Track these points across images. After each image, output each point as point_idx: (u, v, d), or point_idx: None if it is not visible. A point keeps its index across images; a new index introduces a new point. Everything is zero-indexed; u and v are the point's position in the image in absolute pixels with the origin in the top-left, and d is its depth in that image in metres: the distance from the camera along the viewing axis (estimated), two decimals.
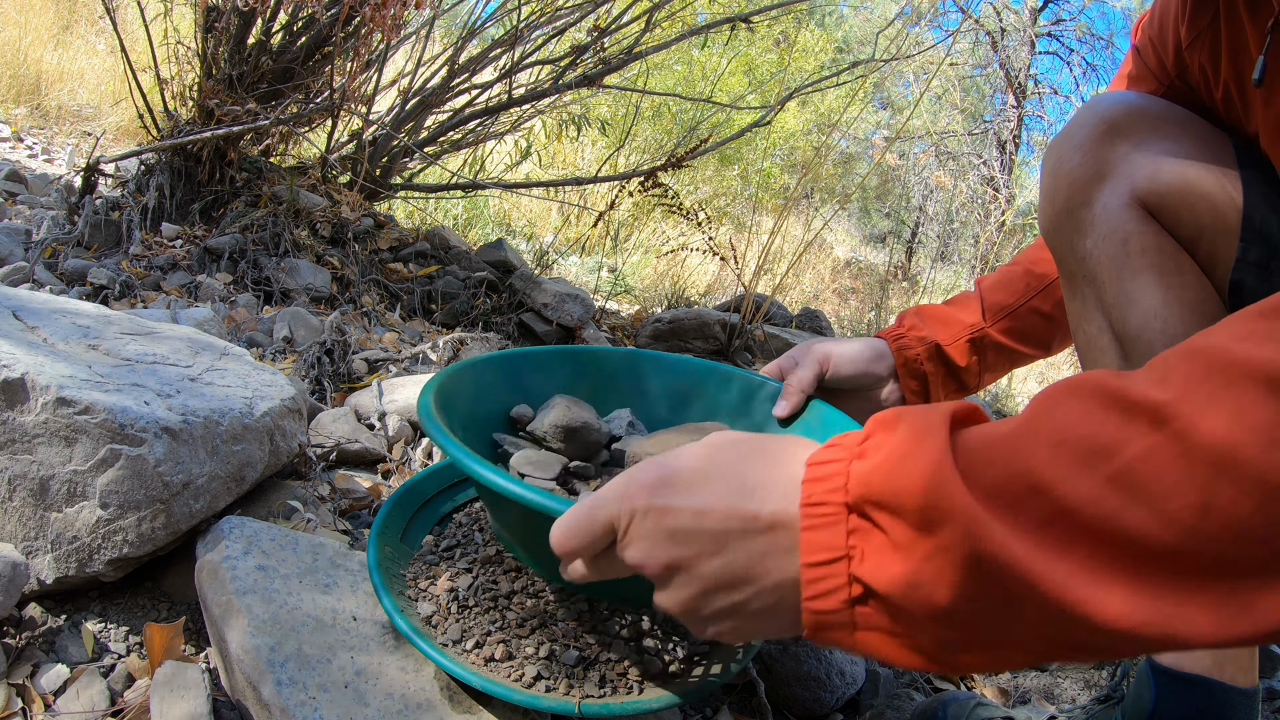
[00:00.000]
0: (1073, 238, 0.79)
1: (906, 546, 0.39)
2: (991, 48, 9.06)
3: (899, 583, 0.39)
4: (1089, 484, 0.36)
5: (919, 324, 1.00)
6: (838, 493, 0.42)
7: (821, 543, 0.42)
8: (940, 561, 0.38)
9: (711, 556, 0.45)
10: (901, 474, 0.39)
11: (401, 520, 0.90)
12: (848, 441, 0.44)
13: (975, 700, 0.90)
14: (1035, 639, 0.38)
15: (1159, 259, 0.73)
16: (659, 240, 4.92)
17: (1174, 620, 0.35)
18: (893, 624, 0.41)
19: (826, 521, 0.41)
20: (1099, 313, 0.78)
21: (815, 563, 0.42)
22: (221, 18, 2.05)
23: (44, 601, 0.82)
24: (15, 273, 1.70)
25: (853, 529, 0.41)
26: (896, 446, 0.41)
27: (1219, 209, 0.72)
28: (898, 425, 0.42)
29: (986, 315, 0.99)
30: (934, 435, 0.40)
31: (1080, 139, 0.78)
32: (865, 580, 0.40)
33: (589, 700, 0.69)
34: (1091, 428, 0.37)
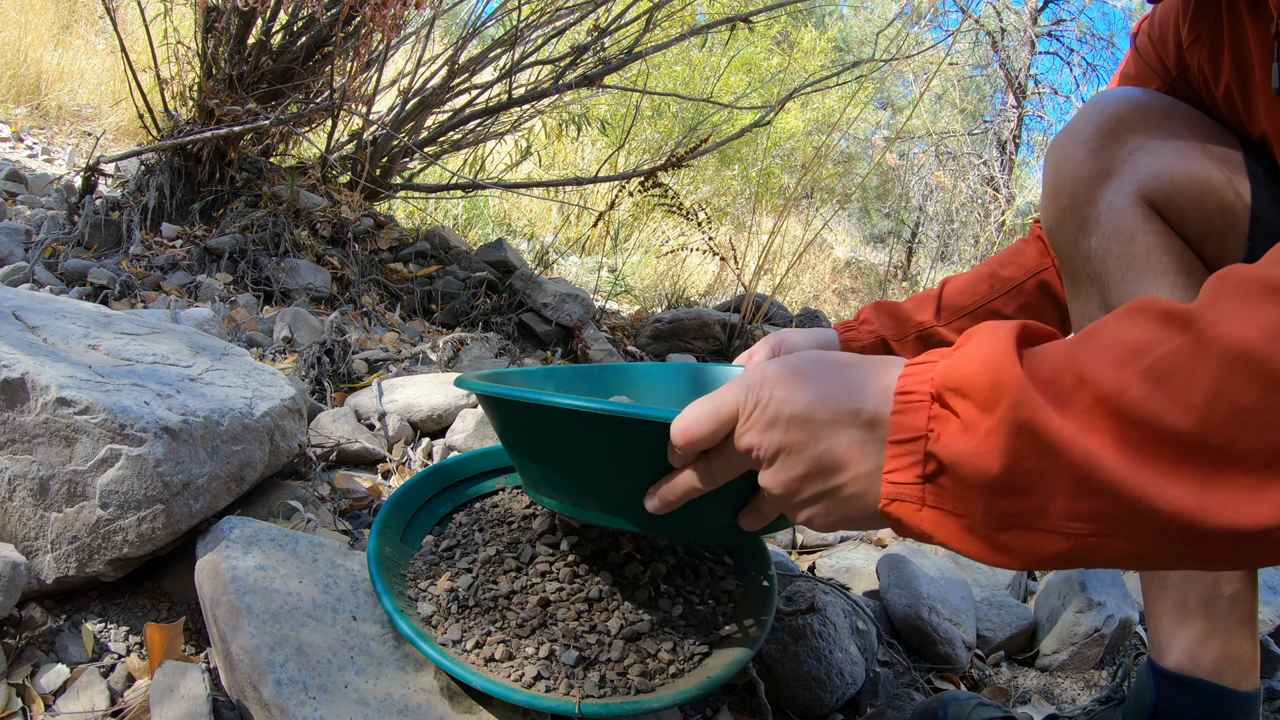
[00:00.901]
0: (1077, 236, 0.78)
1: (973, 425, 0.44)
2: (991, 48, 9.06)
3: (963, 454, 0.44)
4: (1125, 376, 0.41)
5: (872, 318, 1.03)
6: (925, 384, 0.48)
7: (906, 424, 0.47)
8: (996, 434, 0.43)
9: (818, 442, 0.51)
10: (973, 363, 0.45)
11: (401, 520, 0.90)
12: (942, 350, 0.50)
13: (976, 700, 0.90)
14: (1066, 515, 0.42)
15: (1165, 258, 0.72)
16: (659, 240, 4.91)
17: (1194, 501, 0.39)
18: (953, 500, 0.46)
19: (913, 407, 0.47)
20: (1103, 312, 0.78)
21: (899, 439, 0.47)
22: (221, 18, 2.05)
23: (44, 601, 0.82)
24: (15, 273, 1.70)
25: (934, 415, 0.47)
26: (973, 345, 0.47)
27: (1227, 208, 0.72)
28: (977, 331, 0.48)
29: (941, 314, 1.01)
30: (1002, 335, 0.46)
31: (1085, 135, 0.77)
32: (937, 455, 0.46)
33: (589, 700, 0.69)
34: (1135, 334, 0.42)
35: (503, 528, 0.90)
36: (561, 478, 0.73)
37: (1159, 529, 0.40)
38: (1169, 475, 0.39)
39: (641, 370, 1.08)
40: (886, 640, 1.10)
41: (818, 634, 0.94)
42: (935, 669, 1.11)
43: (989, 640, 1.22)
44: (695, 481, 0.59)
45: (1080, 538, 0.43)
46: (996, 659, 1.21)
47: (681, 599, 0.85)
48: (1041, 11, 9.08)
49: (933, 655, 1.12)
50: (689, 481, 0.59)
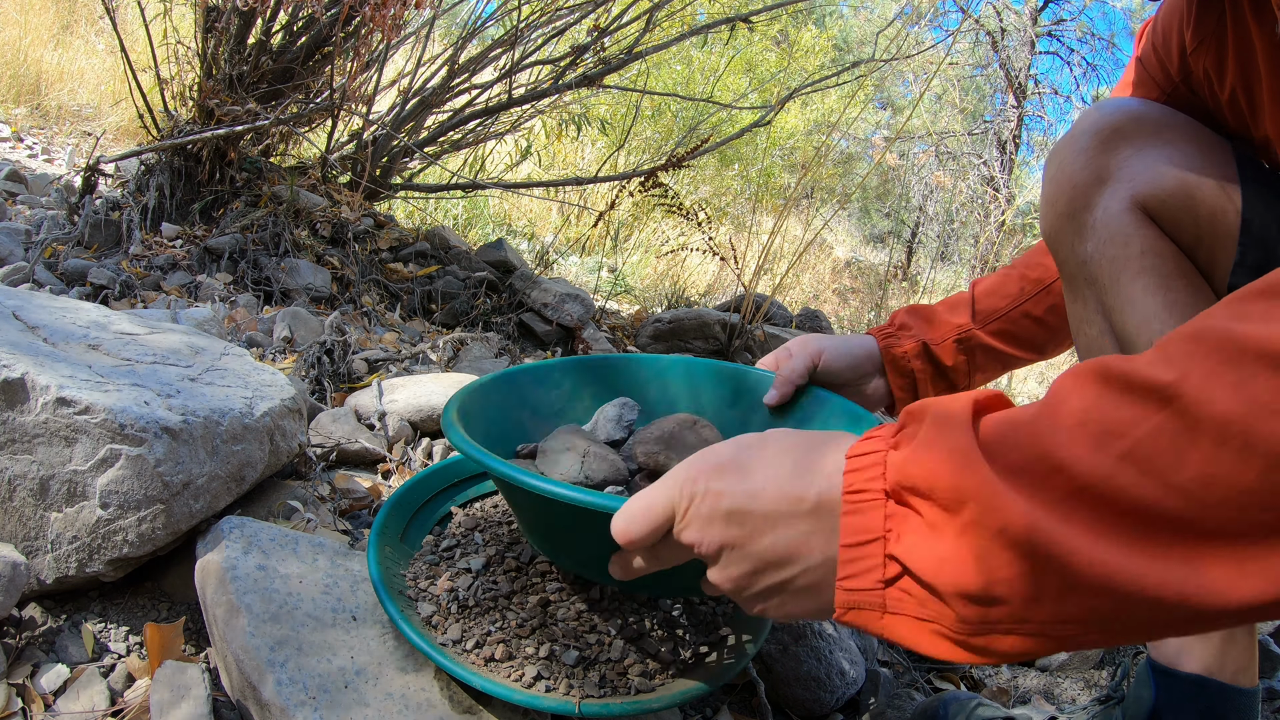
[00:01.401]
0: (1074, 241, 0.79)
1: (939, 526, 0.42)
2: (991, 48, 9.06)
3: (930, 559, 0.42)
4: (1103, 461, 0.38)
5: (910, 322, 1.02)
6: (876, 480, 0.44)
7: (860, 526, 0.44)
8: (969, 538, 0.40)
9: (761, 536, 0.48)
10: (930, 458, 0.42)
11: (401, 520, 0.90)
12: (883, 433, 0.47)
13: (976, 700, 0.90)
14: (1058, 618, 0.40)
15: (1159, 262, 0.74)
16: (659, 240, 4.92)
17: (1190, 583, 0.37)
18: (921, 606, 0.43)
19: (865, 506, 0.44)
20: (1099, 315, 0.79)
21: (853, 544, 0.45)
22: (221, 18, 2.05)
23: (44, 601, 0.82)
24: (15, 273, 1.70)
25: (890, 513, 0.44)
26: (926, 434, 0.44)
27: (1218, 214, 0.73)
28: (925, 415, 0.45)
29: (976, 317, 1.00)
30: (958, 422, 0.43)
31: (1082, 144, 0.79)
32: (900, 558, 0.43)
33: (589, 700, 0.69)
34: (1104, 410, 0.39)
35: (503, 528, 0.90)
36: (536, 531, 0.75)
37: (1155, 613, 0.38)
38: (1163, 561, 0.37)
39: (657, 368, 1.04)
40: (887, 640, 1.10)
41: (818, 634, 0.94)
42: (935, 669, 1.11)
43: None
44: (644, 564, 0.58)
45: (1067, 638, 0.41)
46: None
47: (681, 599, 0.85)
48: (1041, 11, 9.07)
49: None
50: (639, 564, 0.59)
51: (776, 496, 0.48)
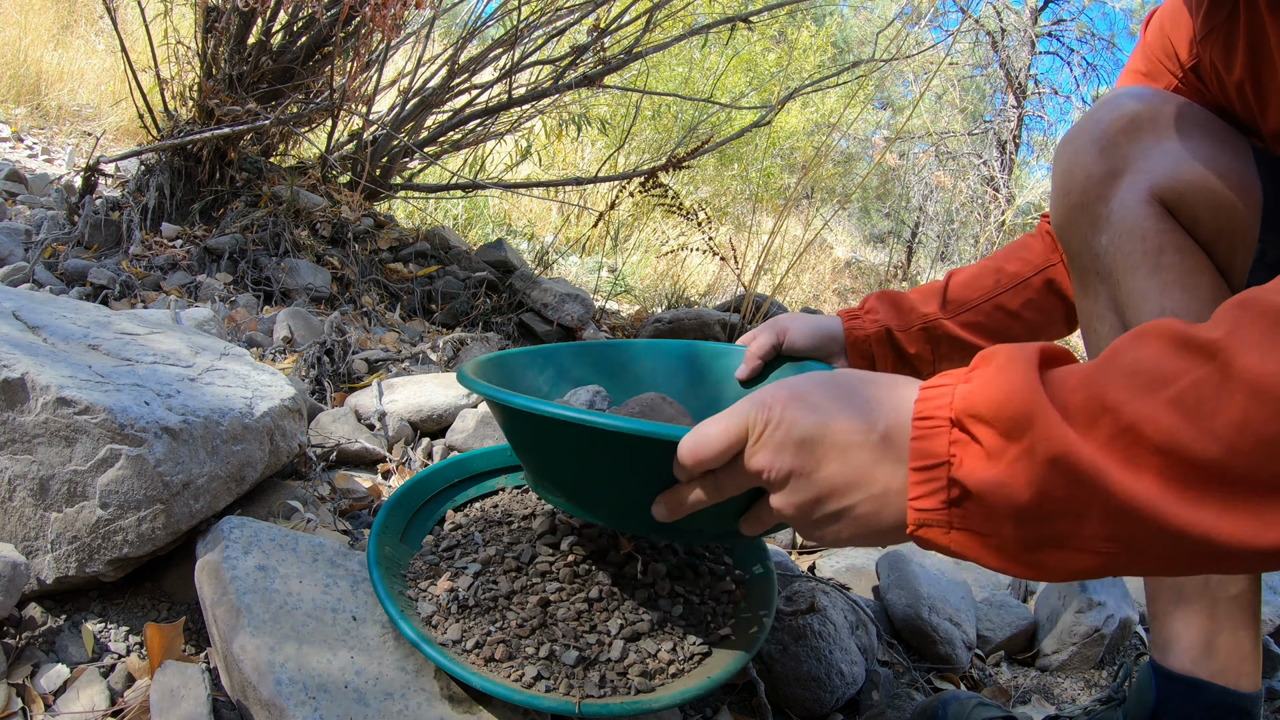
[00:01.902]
0: (1087, 233, 0.77)
1: (997, 452, 0.45)
2: (991, 48, 9.05)
3: (989, 483, 0.45)
4: (1151, 405, 0.42)
5: (877, 307, 1.03)
6: (944, 409, 0.48)
7: (927, 450, 0.48)
8: (1024, 464, 0.44)
9: (829, 463, 0.51)
10: (995, 390, 0.46)
11: (401, 520, 0.90)
12: (956, 372, 0.50)
13: (976, 699, 0.90)
14: (1097, 537, 0.44)
15: (1177, 258, 0.72)
16: (659, 240, 4.91)
17: (1218, 524, 0.40)
18: (981, 523, 0.47)
19: (933, 432, 0.48)
20: (1111, 311, 0.77)
21: (921, 467, 0.48)
22: (221, 18, 2.05)
23: (44, 601, 0.82)
24: (15, 273, 1.70)
25: (954, 440, 0.47)
26: (993, 372, 0.47)
27: (1239, 210, 0.71)
28: (995, 356, 0.48)
29: (946, 307, 1.01)
30: (1023, 362, 0.46)
31: (1097, 133, 0.77)
32: (962, 481, 0.46)
33: (589, 700, 0.69)
34: (1156, 361, 0.43)
35: (503, 528, 0.90)
36: (565, 480, 0.73)
37: (1185, 548, 0.42)
38: (1195, 501, 0.41)
39: (641, 347, 1.09)
40: (886, 640, 1.10)
41: (818, 634, 0.94)
42: (935, 669, 1.11)
43: (989, 640, 1.22)
44: (702, 496, 0.59)
45: (1111, 554, 0.44)
46: (996, 659, 1.21)
47: (681, 599, 0.85)
48: (1041, 11, 9.07)
49: (933, 655, 1.12)
50: (696, 495, 0.60)
51: (847, 427, 0.51)
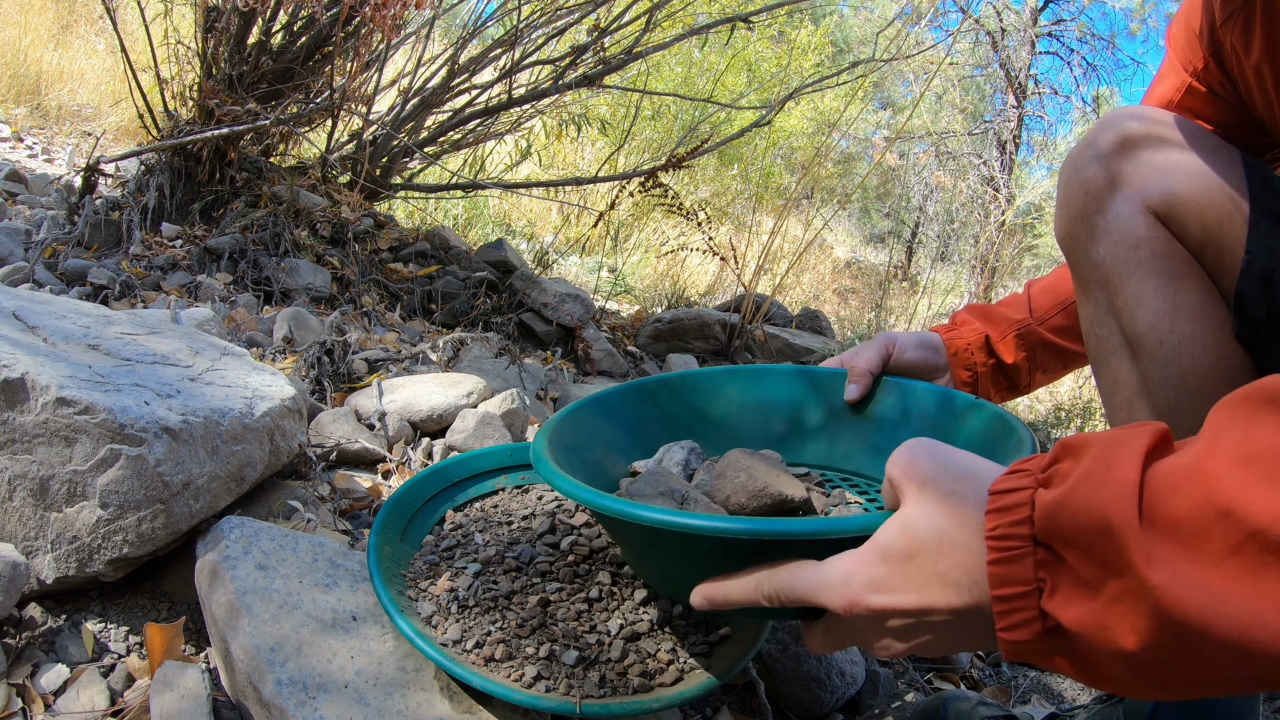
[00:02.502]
0: (1086, 244, 0.82)
1: (1093, 585, 0.38)
2: (991, 48, 9.05)
3: (1087, 623, 0.39)
4: (1277, 499, 0.33)
5: (970, 319, 1.03)
6: (1023, 525, 0.41)
7: (1010, 576, 0.41)
8: (1126, 606, 0.37)
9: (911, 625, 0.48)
10: (1086, 511, 0.38)
11: (401, 520, 0.90)
12: (1032, 466, 0.44)
13: (976, 699, 0.90)
14: (1221, 679, 0.37)
15: (1168, 263, 0.76)
16: (659, 240, 4.91)
17: None
18: (1087, 659, 0.40)
19: (1013, 555, 0.41)
20: (1110, 316, 0.81)
21: (1005, 596, 0.42)
22: (221, 18, 2.05)
23: (44, 601, 0.82)
24: (15, 273, 1.70)
25: (1040, 561, 0.41)
26: (1083, 479, 0.39)
27: (1225, 219, 0.75)
28: (1084, 453, 0.41)
29: (1034, 313, 1.01)
30: (1122, 466, 0.38)
31: (1095, 151, 0.82)
32: (1054, 615, 0.40)
33: (589, 700, 0.69)
34: (1271, 439, 0.35)
35: (503, 528, 0.90)
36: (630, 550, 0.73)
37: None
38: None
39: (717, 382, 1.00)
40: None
41: None
42: (935, 669, 1.11)
43: None
44: (759, 599, 0.56)
45: (1239, 684, 0.37)
46: (996, 659, 1.21)
47: (682, 600, 0.85)
48: (1041, 11, 9.07)
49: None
50: (748, 599, 0.56)
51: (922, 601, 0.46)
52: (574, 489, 0.64)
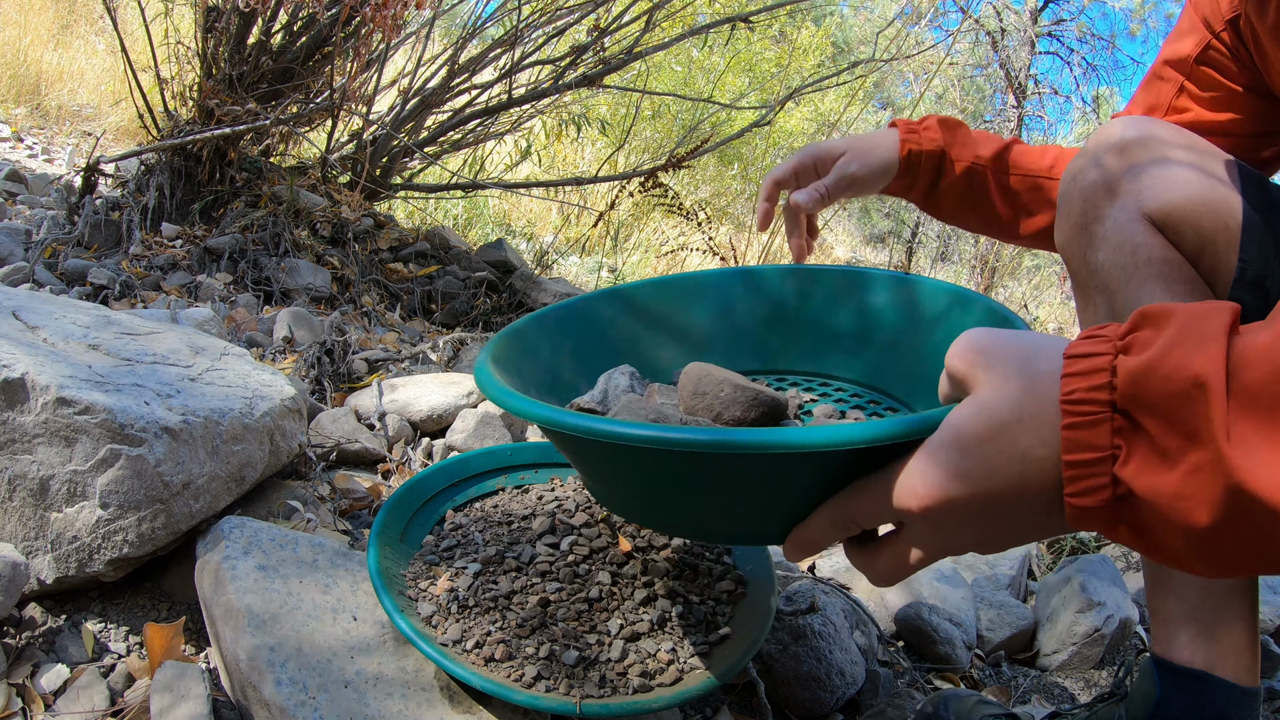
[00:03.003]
0: (1085, 251, 0.84)
1: (1173, 454, 0.37)
2: (991, 48, 9.05)
3: (1162, 493, 0.38)
4: None
5: (937, 129, 0.99)
6: (1102, 390, 0.40)
7: (1084, 441, 0.40)
8: (1204, 478, 0.36)
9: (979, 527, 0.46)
10: (1175, 377, 0.37)
11: (401, 520, 0.90)
12: (1107, 333, 0.42)
13: (976, 698, 0.90)
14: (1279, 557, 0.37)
15: (1164, 269, 0.78)
16: (659, 240, 4.91)
17: None
18: (1151, 528, 0.40)
19: (1090, 420, 0.40)
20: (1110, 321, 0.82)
21: (1078, 462, 0.40)
22: (221, 18, 2.05)
23: (44, 601, 0.82)
24: (15, 273, 1.70)
25: (1118, 428, 0.39)
26: (1170, 345, 0.38)
27: (1220, 227, 0.77)
28: (1167, 322, 0.40)
29: (995, 160, 0.99)
30: (1210, 335, 0.37)
31: (1094, 160, 0.84)
32: (1128, 482, 0.39)
33: (589, 700, 0.69)
34: None
35: (503, 528, 0.90)
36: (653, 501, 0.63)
37: None
38: None
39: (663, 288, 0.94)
40: (886, 640, 1.10)
41: (818, 634, 0.94)
42: (935, 669, 1.11)
43: (989, 640, 1.22)
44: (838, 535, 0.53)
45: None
46: (996, 659, 1.21)
47: (681, 599, 0.85)
48: (1041, 11, 9.07)
49: (933, 655, 1.12)
50: (830, 537, 0.54)
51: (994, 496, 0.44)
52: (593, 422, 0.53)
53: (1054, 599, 1.27)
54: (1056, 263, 7.72)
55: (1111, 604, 1.22)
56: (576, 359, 0.87)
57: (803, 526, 0.55)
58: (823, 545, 0.54)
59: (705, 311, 0.96)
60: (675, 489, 0.59)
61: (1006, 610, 1.25)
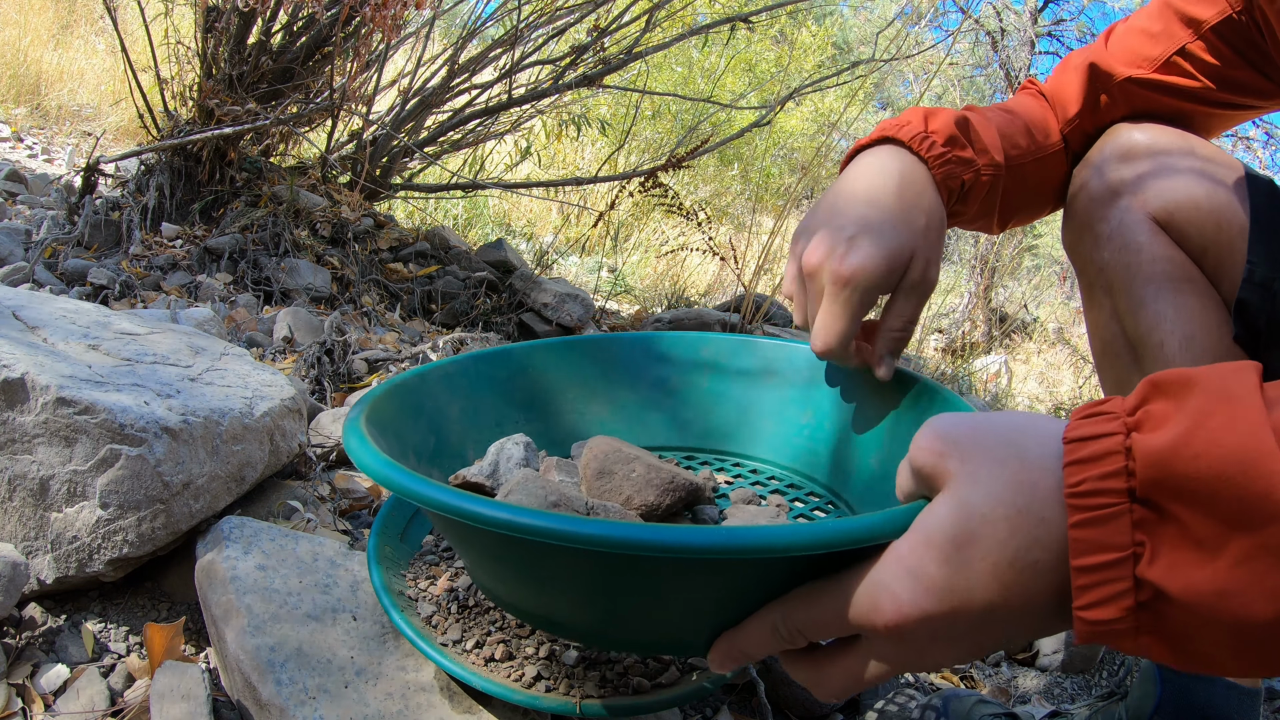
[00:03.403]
0: (1091, 251, 0.84)
1: (1214, 545, 0.32)
2: (991, 48, 9.05)
3: (1203, 590, 0.32)
4: None
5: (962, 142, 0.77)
6: (1117, 478, 0.34)
7: (1099, 541, 0.34)
8: (1264, 564, 0.31)
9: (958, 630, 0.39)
10: (1209, 457, 0.32)
11: (401, 520, 0.90)
12: (1112, 409, 0.36)
13: (976, 697, 0.90)
14: None
15: (1169, 267, 0.78)
16: (659, 240, 4.91)
17: None
18: (1184, 634, 0.34)
19: (1105, 514, 0.34)
20: (1114, 321, 0.83)
21: (1091, 566, 0.34)
22: (221, 18, 2.05)
23: (44, 601, 0.82)
24: (15, 273, 1.70)
25: (1139, 520, 0.33)
26: (1198, 417, 0.33)
27: (1225, 227, 0.77)
28: (1189, 391, 0.34)
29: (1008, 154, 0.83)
30: (1246, 405, 0.32)
31: (1099, 162, 0.84)
32: (1157, 584, 0.33)
33: (589, 700, 0.69)
34: None
35: None
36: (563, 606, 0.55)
37: None
38: None
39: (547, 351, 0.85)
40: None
41: None
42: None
43: None
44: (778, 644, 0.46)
45: None
46: (996, 659, 1.21)
47: None
48: (1041, 11, 9.07)
49: None
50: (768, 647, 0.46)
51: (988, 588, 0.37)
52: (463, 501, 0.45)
53: None
54: (1057, 263, 7.73)
55: None
56: (466, 420, 0.80)
57: (735, 634, 0.47)
58: (757, 656, 0.47)
59: (608, 378, 0.88)
60: (582, 592, 0.50)
61: None
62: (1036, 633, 0.39)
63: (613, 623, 0.53)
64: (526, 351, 0.87)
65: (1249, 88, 0.85)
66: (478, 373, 0.83)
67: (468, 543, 0.54)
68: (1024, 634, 0.39)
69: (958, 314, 6.47)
